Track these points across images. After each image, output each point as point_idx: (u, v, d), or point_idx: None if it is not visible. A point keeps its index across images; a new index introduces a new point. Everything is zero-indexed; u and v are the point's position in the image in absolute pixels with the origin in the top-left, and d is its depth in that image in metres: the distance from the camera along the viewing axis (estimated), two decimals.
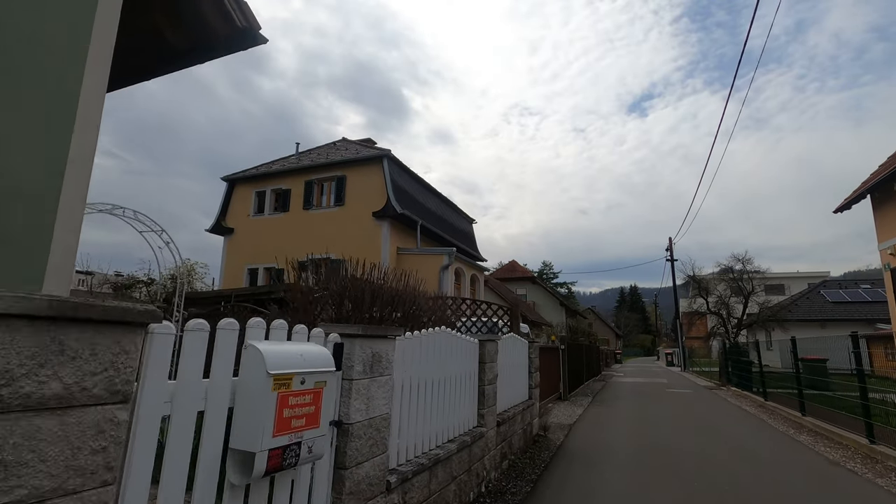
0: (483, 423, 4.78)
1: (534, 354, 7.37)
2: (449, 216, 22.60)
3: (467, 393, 4.55)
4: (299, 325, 2.26)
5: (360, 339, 2.63)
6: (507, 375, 6.03)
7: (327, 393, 2.17)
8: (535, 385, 7.36)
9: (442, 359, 3.99)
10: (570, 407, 11.07)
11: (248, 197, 19.99)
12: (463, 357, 4.48)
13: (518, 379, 6.56)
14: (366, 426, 2.66)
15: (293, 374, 1.96)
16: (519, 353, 6.68)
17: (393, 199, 16.83)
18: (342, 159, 18.31)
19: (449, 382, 4.12)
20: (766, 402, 11.56)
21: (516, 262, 51.43)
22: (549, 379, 11.90)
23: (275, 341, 2.07)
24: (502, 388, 5.71)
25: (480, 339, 4.93)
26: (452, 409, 4.15)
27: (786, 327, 26.54)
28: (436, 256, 17.04)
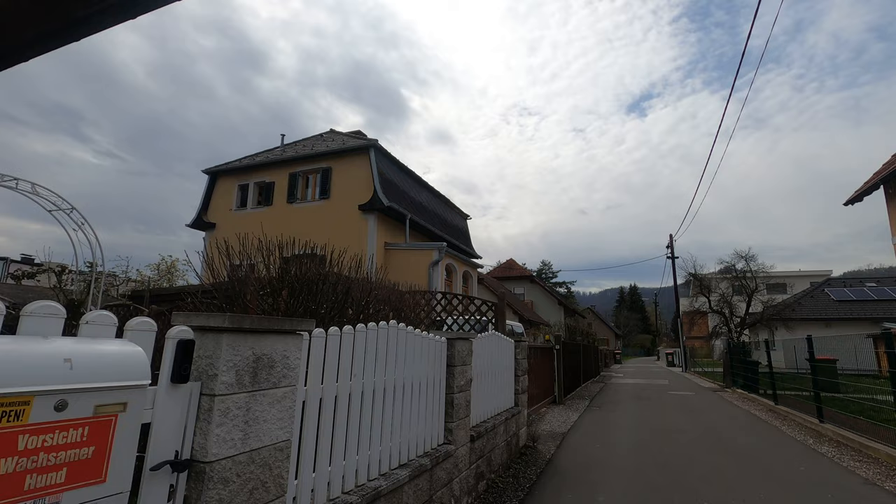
0: (452, 440, 3.93)
1: (521, 355, 6.52)
2: (442, 211, 21.75)
3: (431, 403, 3.70)
4: (97, 313, 1.41)
5: (232, 334, 1.77)
6: (488, 380, 5.18)
7: (130, 420, 1.32)
8: (523, 390, 6.51)
9: (393, 361, 3.14)
10: (564, 412, 10.22)
11: (230, 190, 19.13)
12: (424, 359, 3.63)
13: (501, 384, 5.71)
14: (242, 463, 1.81)
15: (32, 395, 1.11)
16: (503, 355, 5.84)
17: (380, 191, 15.97)
18: (327, 150, 17.45)
19: (403, 391, 3.27)
20: (777, 405, 10.72)
21: (514, 260, 50.63)
22: (543, 381, 11.05)
23: (25, 338, 1.22)
24: (480, 395, 4.86)
25: (449, 338, 4.08)
26: (408, 424, 3.30)
27: (790, 326, 25.75)
28: (425, 252, 16.19)
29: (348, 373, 2.64)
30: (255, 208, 18.45)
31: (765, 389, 13.93)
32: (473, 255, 22.63)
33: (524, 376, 6.57)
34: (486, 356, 5.11)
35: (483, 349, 4.99)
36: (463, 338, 4.22)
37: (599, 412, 10.34)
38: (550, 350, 11.71)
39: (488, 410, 5.18)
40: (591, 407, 11.13)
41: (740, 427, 8.54)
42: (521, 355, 6.51)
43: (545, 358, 11.59)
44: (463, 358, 4.21)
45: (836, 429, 7.49)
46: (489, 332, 5.46)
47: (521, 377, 6.39)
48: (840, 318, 29.64)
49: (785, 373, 14.28)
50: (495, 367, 5.47)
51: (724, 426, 8.61)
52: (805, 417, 8.82)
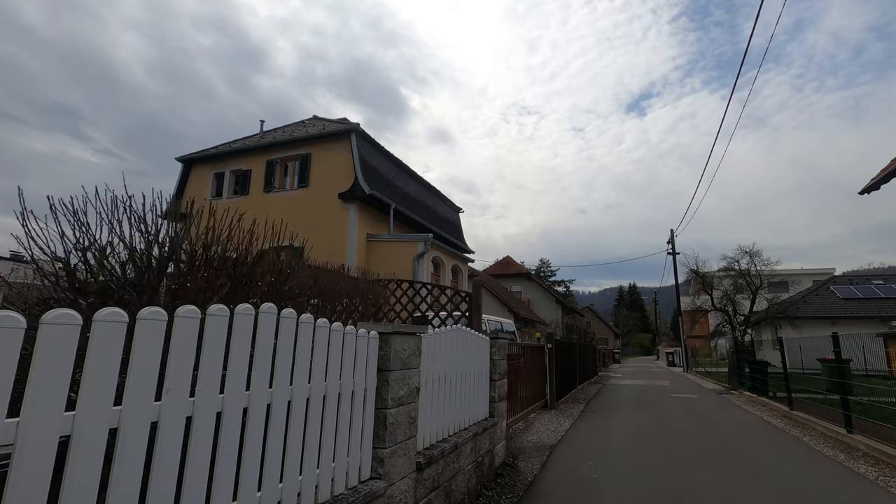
0: (384, 472, 2.84)
1: (499, 356, 5.42)
2: (432, 203, 20.64)
3: (347, 425, 2.61)
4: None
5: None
6: (451, 387, 4.09)
7: None
8: (501, 397, 5.41)
9: (271, 365, 2.05)
10: (556, 418, 9.13)
11: (205, 179, 18.02)
12: (339, 362, 2.54)
13: (471, 390, 4.61)
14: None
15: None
16: (474, 355, 4.74)
17: (361, 178, 14.86)
18: (306, 135, 16.33)
19: (290, 412, 2.18)
20: (792, 411, 9.64)
21: (511, 257, 49.55)
22: (533, 384, 9.97)
23: None
24: (436, 406, 3.77)
25: (383, 333, 2.99)
26: (294, 463, 2.20)
27: (797, 325, 24.69)
28: (410, 243, 15.09)
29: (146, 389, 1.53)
30: (231, 198, 17.33)
31: (774, 392, 12.88)
32: (465, 250, 21.53)
33: (502, 381, 5.47)
34: (447, 357, 4.02)
35: (442, 348, 3.89)
36: (404, 332, 3.13)
37: (595, 418, 9.26)
38: (541, 349, 10.62)
39: (450, 425, 4.08)
40: (586, 412, 10.05)
41: (756, 438, 7.45)
42: (499, 356, 5.41)
43: (536, 358, 10.51)
44: (405, 360, 3.12)
45: (868, 441, 6.41)
46: (454, 325, 4.37)
47: (497, 382, 5.30)
48: (846, 316, 28.67)
49: (791, 374, 13.22)
50: (462, 371, 4.38)
51: (738, 437, 7.52)
52: (828, 427, 7.74)
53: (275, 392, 2.08)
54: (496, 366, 5.30)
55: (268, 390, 2.04)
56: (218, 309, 1.79)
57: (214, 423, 1.76)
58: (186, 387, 1.65)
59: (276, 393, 2.09)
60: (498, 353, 5.37)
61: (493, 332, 11.98)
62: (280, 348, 2.12)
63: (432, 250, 15.60)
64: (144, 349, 1.50)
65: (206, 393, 1.72)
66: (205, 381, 1.73)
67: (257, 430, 1.96)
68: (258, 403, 1.98)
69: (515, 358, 8.12)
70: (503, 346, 5.53)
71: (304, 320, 2.29)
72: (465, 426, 4.44)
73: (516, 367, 8.24)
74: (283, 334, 2.14)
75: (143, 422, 1.50)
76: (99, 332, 1.38)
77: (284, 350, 2.14)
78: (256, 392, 1.97)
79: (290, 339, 2.19)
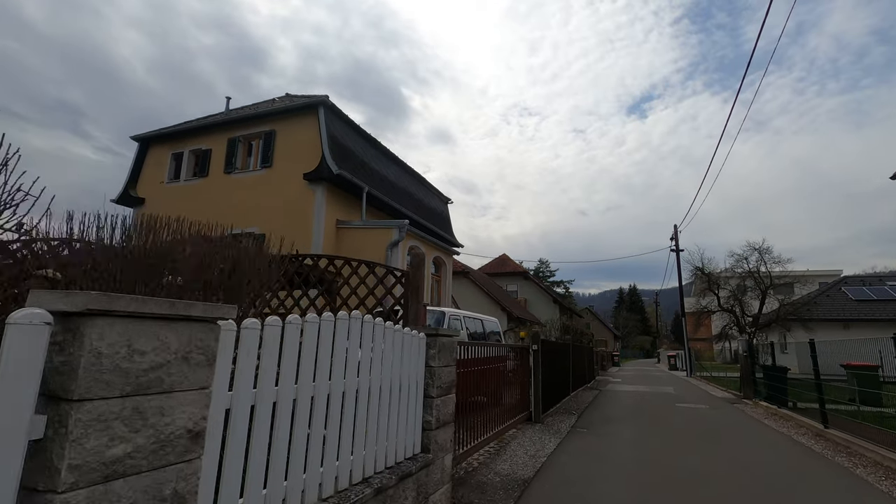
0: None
1: (441, 362, 3.72)
2: (416, 191, 18.94)
3: None
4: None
5: None
6: (316, 417, 2.40)
7: None
8: (442, 421, 3.71)
9: None
10: (539, 436, 7.43)
11: (163, 160, 16.33)
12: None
13: (374, 418, 2.91)
14: None
15: None
16: (394, 360, 3.06)
17: (328, 156, 13.17)
18: (270, 110, 14.65)
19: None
20: (828, 429, 7.93)
21: (508, 256, 47.90)
22: (512, 394, 8.27)
23: None
24: (259, 458, 2.07)
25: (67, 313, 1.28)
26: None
27: (809, 327, 22.99)
28: (383, 231, 13.40)
29: None
30: (190, 180, 15.64)
31: (794, 402, 11.20)
32: (452, 243, 19.82)
33: (445, 398, 3.77)
34: (307, 366, 2.32)
35: (288, 351, 2.19)
36: (137, 315, 1.42)
37: (587, 438, 7.55)
38: (526, 351, 8.92)
39: (338, 474, 2.38)
40: (576, 428, 8.34)
41: (795, 471, 5.74)
42: (441, 361, 3.70)
43: (517, 363, 8.82)
44: (139, 376, 1.42)
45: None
46: (390, 321, 2.69)
47: (437, 401, 3.59)
48: (860, 318, 26.95)
49: (801, 379, 11.57)
50: (355, 386, 2.68)
51: (772, 469, 5.81)
52: (883, 454, 6.04)
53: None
54: (436, 377, 3.60)
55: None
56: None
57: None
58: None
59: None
60: (439, 359, 3.66)
61: (493, 336, 10.21)
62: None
63: (409, 238, 13.92)
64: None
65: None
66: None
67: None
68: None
69: (485, 363, 6.43)
70: (447, 347, 3.82)
71: None
72: (364, 477, 2.73)
73: (486, 373, 6.55)
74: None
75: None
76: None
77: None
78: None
79: None
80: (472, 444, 5.75)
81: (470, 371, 5.99)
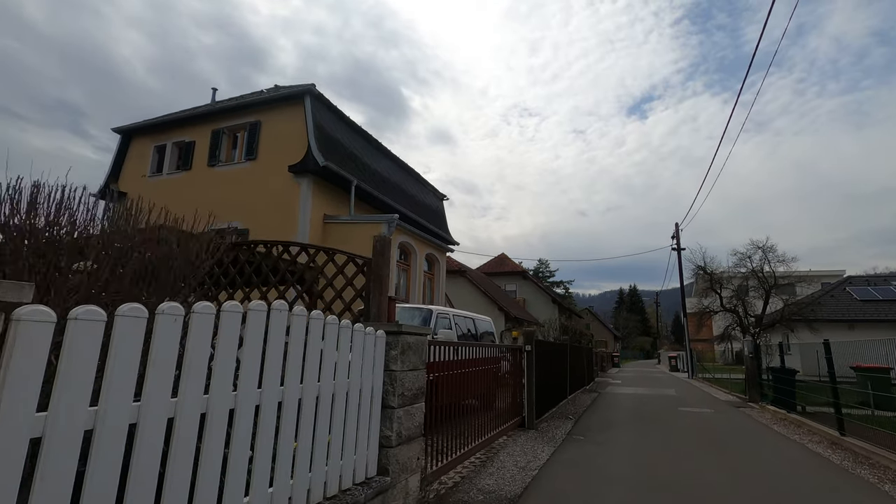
0: None
1: (403, 365, 3.10)
2: (409, 186, 18.34)
3: None
4: None
5: None
6: (239, 435, 1.80)
7: None
8: (406, 436, 3.11)
9: None
10: (532, 444, 6.83)
11: (146, 153, 15.73)
12: None
13: (320, 433, 2.31)
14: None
15: None
16: (332, 364, 2.45)
17: (315, 148, 12.57)
18: (256, 100, 14.06)
19: None
20: (844, 437, 7.32)
21: (506, 255, 47.34)
22: (503, 398, 7.68)
23: None
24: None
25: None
26: None
27: (815, 328, 22.41)
28: (371, 225, 12.79)
29: None
30: (172, 173, 15.05)
31: (803, 406, 10.60)
32: (447, 240, 19.23)
33: (411, 408, 3.16)
34: (228, 368, 1.72)
35: (161, 349, 1.59)
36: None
37: (584, 446, 6.94)
38: (518, 352, 8.31)
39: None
40: (573, 435, 7.72)
41: (817, 488, 5.14)
42: (406, 364, 3.09)
43: (511, 364, 8.22)
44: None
45: None
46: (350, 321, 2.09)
47: (400, 411, 2.99)
48: (865, 319, 26.37)
49: (809, 382, 10.98)
50: (299, 396, 2.08)
51: (790, 484, 5.20)
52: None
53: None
54: (397, 383, 2.99)
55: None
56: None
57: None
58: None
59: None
60: (402, 361, 3.05)
61: (486, 336, 9.56)
62: None
63: (400, 234, 13.32)
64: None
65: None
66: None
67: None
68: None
69: (471, 365, 5.84)
70: (417, 347, 3.21)
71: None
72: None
73: (472, 377, 5.96)
74: None
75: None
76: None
77: None
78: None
79: None
80: (453, 455, 5.15)
81: (453, 374, 5.39)
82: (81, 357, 1.32)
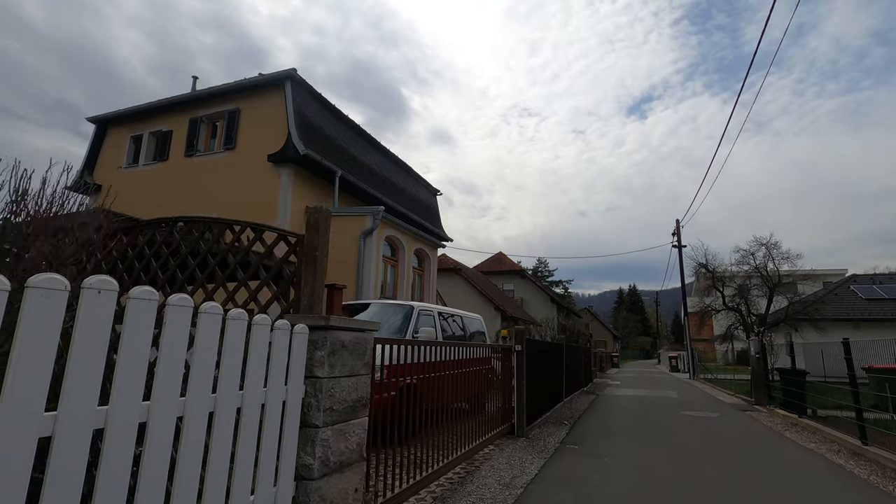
0: None
1: (333, 370, 2.37)
2: (400, 180, 17.62)
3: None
4: None
5: None
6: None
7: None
8: (342, 462, 2.40)
9: None
10: (521, 455, 6.11)
11: (122, 144, 15.00)
12: None
13: (188, 468, 1.59)
14: None
15: None
16: (206, 369, 1.74)
17: (295, 135, 11.85)
18: (235, 87, 13.33)
19: None
20: (868, 447, 6.60)
21: (504, 254, 46.63)
22: (491, 403, 6.96)
23: None
24: None
25: None
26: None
27: (821, 327, 21.70)
28: (355, 218, 12.07)
29: None
30: (149, 164, 14.32)
31: (813, 409, 9.90)
32: (440, 236, 18.50)
33: (344, 426, 2.42)
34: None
35: None
36: None
37: (578, 458, 6.22)
38: (508, 352, 7.59)
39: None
40: (566, 444, 7.00)
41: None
42: (338, 369, 2.37)
43: (500, 365, 7.51)
44: None
45: None
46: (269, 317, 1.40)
47: (323, 432, 2.25)
48: (870, 318, 25.65)
49: (813, 383, 10.29)
50: (159, 414, 1.37)
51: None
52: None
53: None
54: (324, 394, 2.27)
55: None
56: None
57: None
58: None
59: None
60: (333, 364, 2.33)
61: (476, 335, 8.80)
62: None
63: (386, 228, 12.60)
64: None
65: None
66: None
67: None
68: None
69: (449, 367, 5.13)
70: (354, 347, 2.49)
71: None
72: None
73: (449, 381, 5.25)
74: None
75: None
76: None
77: None
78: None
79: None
80: (427, 471, 4.42)
81: (430, 378, 4.68)
82: None
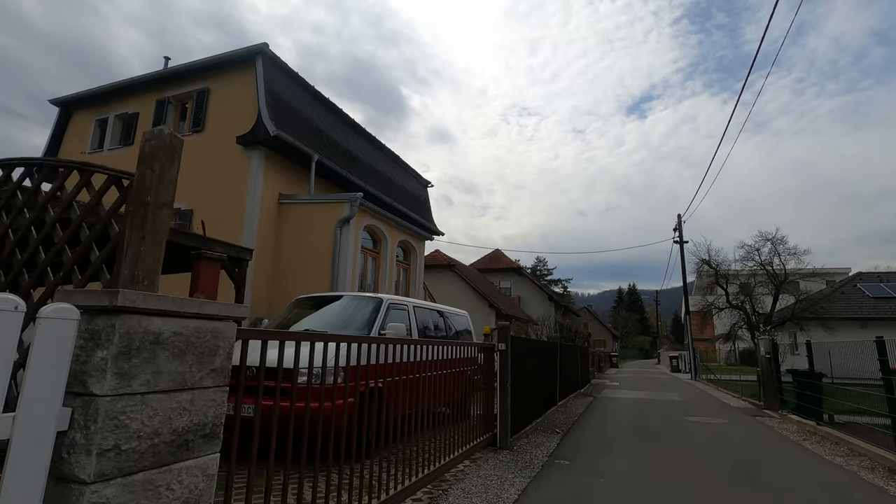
0: None
1: (134, 383, 1.44)
2: (387, 170, 16.64)
3: None
4: None
5: None
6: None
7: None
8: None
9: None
10: (501, 472, 5.15)
11: (87, 128, 14.03)
12: None
13: None
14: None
15: None
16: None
17: (265, 116, 10.87)
18: (203, 64, 12.34)
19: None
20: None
21: (501, 251, 45.68)
22: (471, 410, 6.00)
23: None
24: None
25: None
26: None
27: (829, 326, 20.77)
28: (332, 205, 11.10)
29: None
30: (114, 149, 13.35)
31: (830, 415, 8.97)
32: (432, 230, 17.53)
33: (150, 475, 1.49)
34: None
35: None
36: None
37: (567, 477, 5.26)
38: (490, 352, 6.62)
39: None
40: (555, 458, 6.04)
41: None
42: (119, 382, 1.41)
43: (483, 366, 6.56)
44: None
45: None
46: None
47: (98, 488, 1.31)
48: (878, 317, 24.74)
49: (832, 385, 9.38)
50: None
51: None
52: None
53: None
54: (104, 423, 1.32)
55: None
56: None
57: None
58: None
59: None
60: (117, 376, 1.38)
61: (462, 334, 7.79)
62: None
63: (366, 216, 11.62)
64: None
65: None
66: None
67: None
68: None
69: (417, 369, 4.17)
70: (182, 346, 1.55)
71: None
72: None
73: (412, 385, 4.28)
74: None
75: None
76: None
77: None
78: None
79: None
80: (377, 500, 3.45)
81: (393, 382, 3.72)
82: None
